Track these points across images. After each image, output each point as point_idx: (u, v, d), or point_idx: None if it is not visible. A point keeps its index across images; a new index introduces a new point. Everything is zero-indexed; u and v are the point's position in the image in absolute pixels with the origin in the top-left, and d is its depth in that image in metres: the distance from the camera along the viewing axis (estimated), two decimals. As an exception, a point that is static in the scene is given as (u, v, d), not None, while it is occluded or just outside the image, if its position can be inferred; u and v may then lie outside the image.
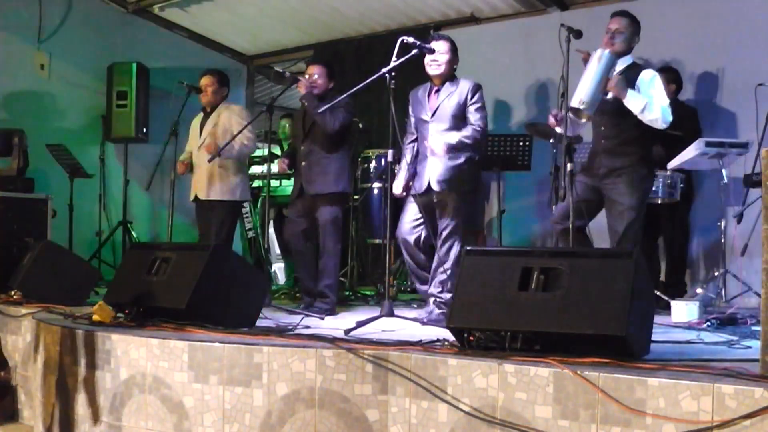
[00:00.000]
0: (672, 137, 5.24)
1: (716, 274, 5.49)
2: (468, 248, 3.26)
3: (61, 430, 3.80)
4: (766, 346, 2.43)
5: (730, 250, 5.50)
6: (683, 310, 4.51)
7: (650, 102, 4.22)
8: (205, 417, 3.26)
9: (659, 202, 5.52)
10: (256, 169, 7.13)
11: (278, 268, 7.74)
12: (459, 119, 4.71)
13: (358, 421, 3.04)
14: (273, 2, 7.68)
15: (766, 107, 5.26)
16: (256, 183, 7.13)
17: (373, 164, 6.35)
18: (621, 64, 4.38)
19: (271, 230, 7.51)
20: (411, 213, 4.76)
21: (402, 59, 4.31)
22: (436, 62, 4.72)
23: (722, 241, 5.48)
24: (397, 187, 4.84)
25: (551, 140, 5.77)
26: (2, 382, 4.66)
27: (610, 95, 4.23)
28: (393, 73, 4.28)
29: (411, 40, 4.36)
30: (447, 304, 4.32)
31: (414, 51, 4.40)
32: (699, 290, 5.42)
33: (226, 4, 7.84)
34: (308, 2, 7.58)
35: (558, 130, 4.40)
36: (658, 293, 4.73)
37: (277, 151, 7.55)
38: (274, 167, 6.06)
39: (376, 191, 6.32)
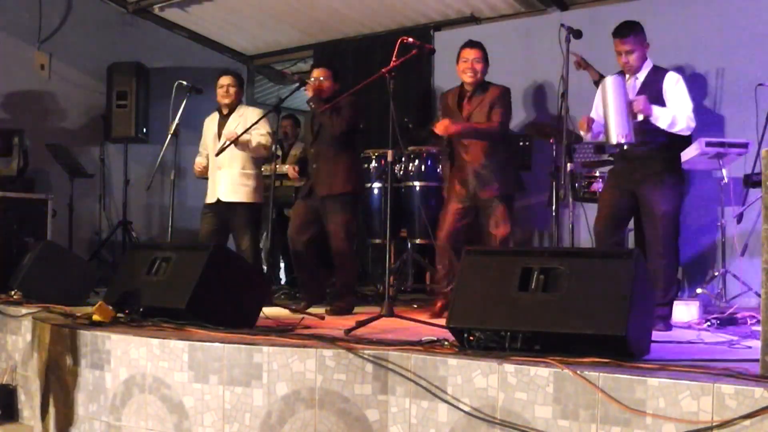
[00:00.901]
0: None
1: (716, 274, 5.49)
2: (468, 248, 3.25)
3: (60, 430, 3.80)
4: (766, 346, 2.43)
5: (730, 250, 5.50)
6: (683, 310, 4.51)
7: (677, 115, 4.13)
8: (205, 417, 3.26)
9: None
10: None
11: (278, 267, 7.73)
12: None
13: (358, 421, 3.04)
14: (273, 2, 7.67)
15: (766, 107, 5.26)
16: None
17: (373, 164, 6.34)
18: (644, 71, 4.29)
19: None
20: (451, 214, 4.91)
21: (402, 59, 4.31)
22: (472, 70, 4.79)
23: (722, 241, 5.47)
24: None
25: (551, 140, 5.76)
26: None
27: (640, 117, 4.12)
28: (392, 74, 4.29)
29: (411, 40, 4.36)
30: None
31: (414, 51, 4.41)
32: (699, 290, 5.41)
33: (226, 4, 7.83)
34: (308, 2, 7.57)
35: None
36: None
37: (278, 151, 7.53)
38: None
39: (376, 191, 6.31)
